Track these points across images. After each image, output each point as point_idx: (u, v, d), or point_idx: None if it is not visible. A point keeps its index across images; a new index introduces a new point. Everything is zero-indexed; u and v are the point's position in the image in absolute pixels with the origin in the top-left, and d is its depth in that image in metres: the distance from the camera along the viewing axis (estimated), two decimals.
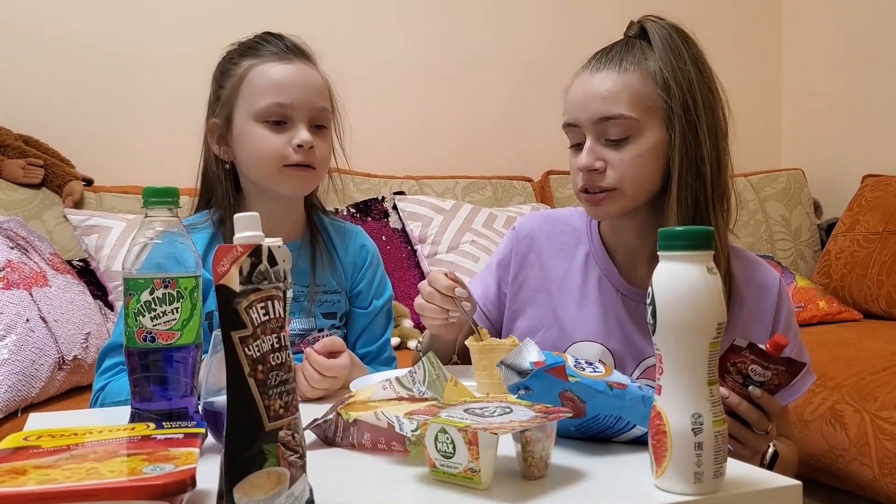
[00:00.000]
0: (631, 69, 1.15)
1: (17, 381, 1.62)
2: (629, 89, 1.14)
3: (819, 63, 3.40)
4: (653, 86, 1.14)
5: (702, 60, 1.19)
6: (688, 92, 1.14)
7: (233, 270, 0.61)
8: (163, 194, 0.89)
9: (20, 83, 2.49)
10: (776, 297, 1.22)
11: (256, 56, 1.30)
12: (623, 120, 1.14)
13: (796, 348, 1.22)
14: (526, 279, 1.32)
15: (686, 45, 1.18)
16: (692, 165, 1.14)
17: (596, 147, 1.17)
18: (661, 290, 0.71)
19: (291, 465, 0.62)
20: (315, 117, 1.30)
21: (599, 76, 1.17)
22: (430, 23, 3.03)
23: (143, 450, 0.69)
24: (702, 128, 1.14)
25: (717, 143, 1.16)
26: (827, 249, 2.93)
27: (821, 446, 1.78)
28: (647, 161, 1.15)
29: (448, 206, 2.65)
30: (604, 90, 1.15)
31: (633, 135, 1.15)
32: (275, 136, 1.27)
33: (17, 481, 0.60)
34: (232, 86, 1.30)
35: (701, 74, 1.17)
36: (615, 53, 1.18)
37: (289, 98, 1.27)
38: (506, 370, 0.87)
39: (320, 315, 1.36)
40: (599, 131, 1.16)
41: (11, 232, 1.91)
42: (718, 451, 0.70)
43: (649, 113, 1.15)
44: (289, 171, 1.28)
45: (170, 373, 0.86)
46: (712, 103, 1.17)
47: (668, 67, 1.14)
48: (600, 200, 1.17)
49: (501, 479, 0.74)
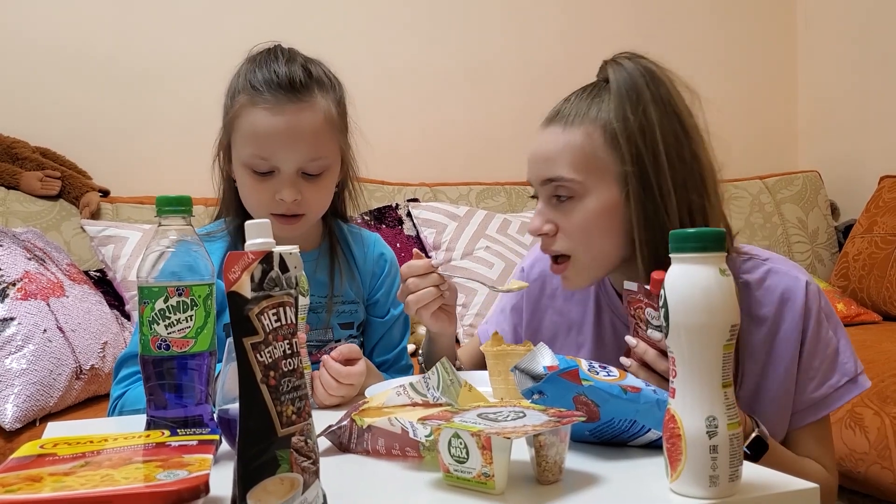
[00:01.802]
0: (576, 125, 1.07)
1: (36, 391, 1.64)
2: (570, 149, 1.06)
3: (834, 64, 3.37)
4: (601, 141, 1.05)
5: (670, 100, 1.07)
6: (643, 144, 1.04)
7: (244, 277, 0.61)
8: (176, 203, 0.89)
9: (38, 97, 2.52)
10: (801, 308, 1.07)
11: (251, 95, 1.22)
12: (565, 182, 1.06)
13: (827, 360, 1.08)
14: (541, 323, 1.29)
15: (652, 84, 1.06)
16: (656, 223, 1.04)
17: (545, 209, 1.11)
18: (673, 292, 0.70)
19: (304, 470, 0.62)
20: (305, 167, 1.23)
21: (546, 133, 1.10)
22: (443, 30, 3.04)
23: (158, 457, 0.69)
24: (665, 180, 1.03)
25: (688, 194, 1.05)
26: (844, 251, 2.91)
27: (840, 450, 1.76)
28: (599, 223, 1.07)
29: (462, 212, 2.65)
30: (546, 151, 1.09)
31: (577, 197, 1.07)
32: (259, 185, 1.23)
33: (33, 488, 0.60)
34: (230, 117, 1.25)
35: (666, 116, 1.05)
36: (570, 105, 1.10)
37: (271, 152, 1.21)
38: (520, 375, 0.86)
39: (338, 326, 1.36)
40: (548, 192, 1.10)
41: (29, 243, 1.93)
42: (734, 454, 0.69)
43: (596, 173, 1.06)
44: (274, 219, 1.21)
45: (184, 380, 0.87)
46: (680, 148, 1.05)
47: (620, 119, 1.04)
48: (562, 271, 1.12)
49: (515, 483, 0.74)
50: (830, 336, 1.10)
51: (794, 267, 1.12)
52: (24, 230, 2.03)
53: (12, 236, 1.89)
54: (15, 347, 1.65)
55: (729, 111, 3.39)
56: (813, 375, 1.08)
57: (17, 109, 2.48)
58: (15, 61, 2.50)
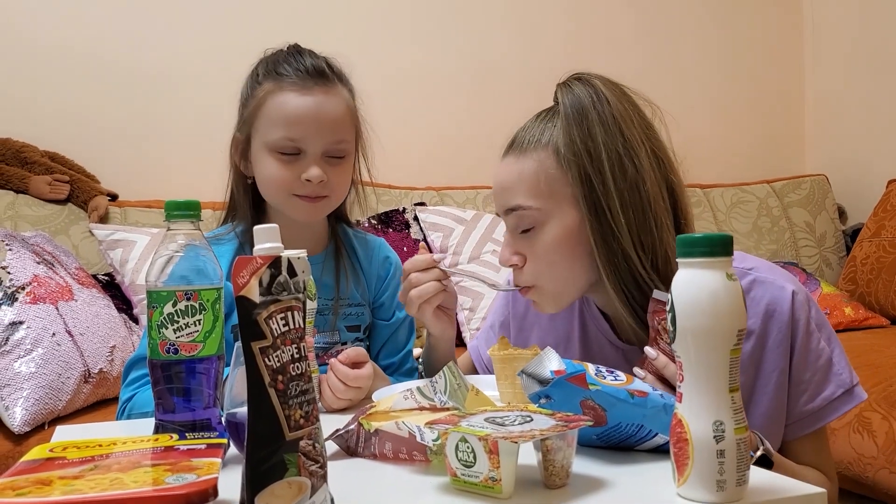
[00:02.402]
0: (529, 152, 1.08)
1: (44, 395, 1.64)
2: (525, 177, 1.07)
3: (842, 67, 3.37)
4: (555, 165, 1.06)
5: (614, 120, 1.05)
6: (590, 166, 1.03)
7: (252, 282, 0.61)
8: (185, 207, 0.90)
9: (46, 101, 2.54)
10: (788, 320, 1.05)
11: (277, 80, 1.27)
12: (523, 211, 1.07)
13: (819, 372, 1.06)
14: (528, 339, 1.29)
15: (598, 104, 1.05)
16: (613, 244, 1.03)
17: (512, 239, 1.11)
18: (680, 297, 0.71)
19: (312, 474, 0.62)
20: (330, 150, 1.28)
21: (503, 164, 1.12)
22: (449, 34, 3.04)
23: (166, 460, 0.69)
24: (612, 201, 1.03)
25: (635, 214, 1.03)
26: (852, 255, 2.90)
27: (848, 454, 1.76)
28: (561, 250, 1.07)
29: (469, 216, 2.65)
30: (502, 181, 1.10)
31: (537, 224, 1.07)
32: (284, 167, 1.26)
33: (43, 492, 0.61)
34: (252, 107, 1.29)
35: (610, 137, 1.04)
36: (525, 132, 1.11)
37: (301, 133, 1.25)
38: (527, 379, 0.86)
39: (344, 328, 1.36)
40: (512, 223, 1.10)
41: (38, 247, 1.94)
42: (741, 459, 0.69)
43: (553, 198, 1.06)
44: (297, 201, 1.28)
45: (193, 384, 0.87)
46: (623, 168, 1.03)
47: (565, 142, 1.05)
48: (532, 299, 1.12)
49: (523, 487, 0.74)
50: (822, 347, 1.07)
51: (780, 276, 1.09)
52: (33, 234, 2.04)
53: (21, 240, 1.90)
54: (24, 351, 1.66)
55: (736, 115, 3.39)
56: (805, 388, 1.07)
57: (26, 114, 2.50)
58: (24, 66, 2.52)
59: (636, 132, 1.06)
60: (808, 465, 1.08)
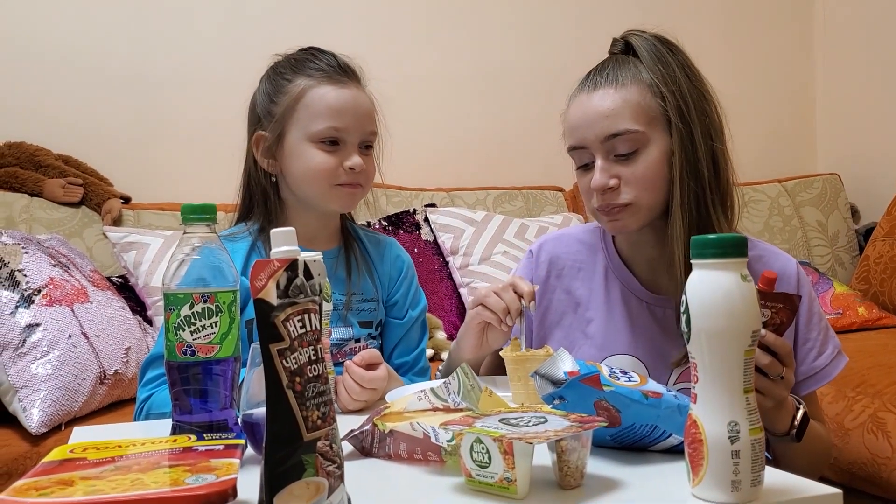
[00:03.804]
0: (628, 83, 1.16)
1: (61, 396, 1.66)
2: (630, 103, 1.15)
3: (853, 65, 3.35)
4: (650, 96, 1.15)
5: (688, 65, 1.20)
6: (679, 97, 1.15)
7: (270, 284, 0.62)
8: (201, 211, 0.91)
9: (60, 106, 2.55)
10: (795, 283, 1.21)
11: (309, 75, 1.33)
12: (630, 134, 1.15)
13: (822, 332, 1.20)
14: (550, 303, 1.33)
15: (671, 52, 1.19)
16: (692, 169, 1.14)
17: (607, 165, 1.17)
18: (695, 298, 0.71)
19: (330, 474, 0.63)
20: (365, 140, 1.35)
21: (598, 95, 1.17)
22: (458, 36, 3.04)
23: (185, 461, 0.70)
24: (696, 130, 1.14)
25: (713, 144, 1.16)
26: (865, 255, 2.89)
27: (863, 455, 1.75)
28: (658, 170, 1.16)
29: (479, 217, 2.65)
30: (605, 108, 1.16)
31: (641, 147, 1.15)
32: (328, 157, 1.31)
33: (65, 492, 0.61)
34: (286, 104, 1.32)
35: (689, 79, 1.17)
36: (609, 70, 1.19)
37: (344, 123, 1.31)
38: (540, 380, 0.87)
39: (357, 324, 1.38)
40: (608, 149, 1.17)
41: (53, 250, 1.96)
42: (756, 460, 0.69)
43: (653, 123, 1.15)
44: (338, 190, 1.33)
45: (210, 385, 0.88)
46: (704, 106, 1.17)
47: (658, 76, 1.16)
48: (618, 215, 1.18)
49: (537, 488, 0.75)
50: (822, 311, 1.23)
51: (782, 252, 1.26)
52: (47, 237, 2.05)
53: (37, 243, 1.92)
54: (40, 353, 1.68)
55: (746, 113, 3.37)
56: (812, 346, 1.19)
57: (40, 118, 2.51)
58: (38, 71, 2.54)
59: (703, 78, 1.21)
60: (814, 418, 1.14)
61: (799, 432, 1.04)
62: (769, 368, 0.95)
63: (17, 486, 0.63)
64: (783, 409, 1.01)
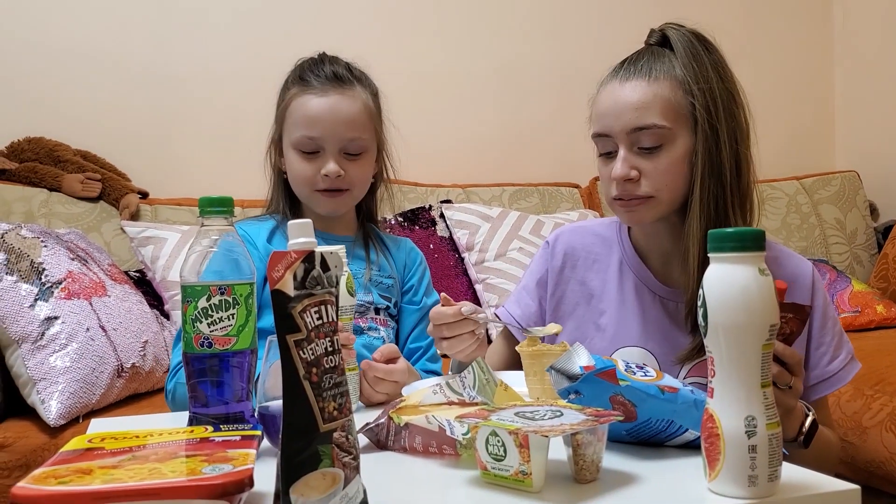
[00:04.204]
0: (661, 78, 1.16)
1: (79, 388, 1.67)
2: (660, 98, 1.15)
3: (871, 62, 3.32)
4: (681, 93, 1.15)
5: (722, 65, 1.20)
6: (709, 97, 1.15)
7: (287, 276, 0.62)
8: (218, 204, 0.91)
9: (79, 102, 2.57)
10: (810, 289, 1.20)
11: (302, 85, 1.40)
12: (656, 129, 1.15)
13: (836, 337, 1.20)
14: (564, 294, 1.34)
15: (706, 50, 1.19)
16: (714, 170, 1.14)
17: (629, 156, 1.17)
18: (712, 292, 0.70)
19: (346, 465, 0.63)
20: (346, 147, 1.38)
21: (630, 86, 1.17)
22: (474, 32, 3.04)
23: (202, 451, 0.71)
24: (722, 132, 1.14)
25: (738, 147, 1.16)
26: (884, 253, 2.86)
27: (881, 453, 1.74)
28: (680, 167, 1.16)
29: (495, 213, 2.65)
30: (636, 100, 1.16)
31: (665, 143, 1.16)
32: (306, 164, 1.38)
33: (84, 480, 0.62)
34: (281, 109, 1.43)
35: (721, 79, 1.17)
36: (644, 62, 1.19)
37: (317, 132, 1.37)
38: (556, 375, 0.87)
39: (377, 293, 1.44)
40: (632, 141, 1.17)
41: (72, 244, 1.97)
42: (773, 454, 0.69)
43: (680, 121, 1.16)
44: (318, 195, 1.40)
45: (226, 377, 0.88)
46: (732, 108, 1.17)
47: (691, 73, 1.16)
48: (636, 206, 1.18)
49: (553, 482, 0.75)
50: (835, 316, 1.22)
51: (798, 255, 1.26)
52: (66, 231, 2.07)
53: (56, 237, 1.93)
54: (59, 346, 1.69)
55: (764, 110, 3.32)
56: (825, 351, 1.19)
57: (59, 114, 2.53)
58: (57, 67, 2.56)
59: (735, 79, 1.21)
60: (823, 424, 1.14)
61: (807, 439, 1.04)
62: (778, 378, 0.96)
63: (36, 475, 0.63)
64: (791, 416, 1.02)
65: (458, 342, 1.20)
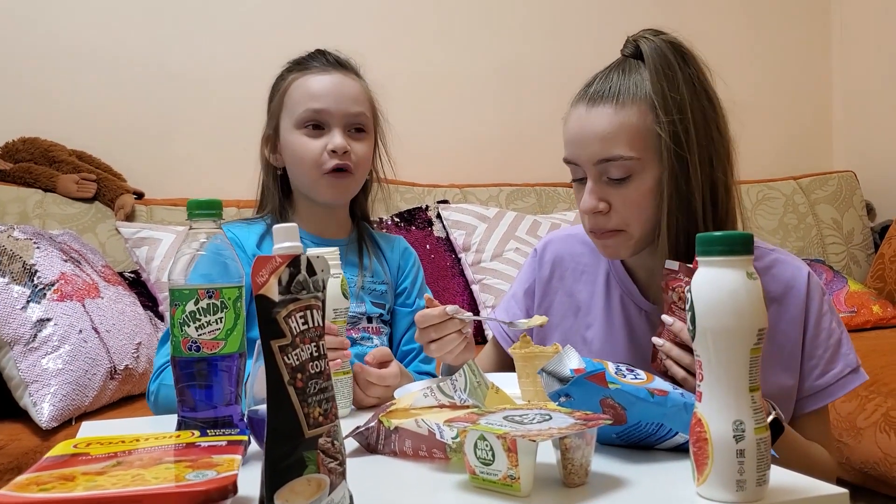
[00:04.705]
0: (629, 102, 1.09)
1: (71, 391, 1.67)
2: (627, 128, 1.08)
3: (870, 63, 3.32)
4: (651, 118, 1.08)
5: (698, 79, 1.11)
6: (678, 121, 1.07)
7: (272, 280, 0.62)
8: (206, 206, 0.91)
9: (74, 101, 2.57)
10: (804, 296, 1.14)
11: (302, 69, 1.39)
12: (623, 161, 1.08)
13: (830, 349, 1.13)
14: (551, 304, 1.31)
15: (683, 63, 1.10)
16: (682, 202, 1.08)
17: (597, 188, 1.12)
18: (700, 295, 0.70)
19: (331, 471, 0.63)
20: (351, 122, 1.37)
21: (596, 113, 1.10)
22: (473, 32, 3.04)
23: (188, 457, 0.70)
24: (693, 161, 1.07)
25: (713, 173, 1.09)
26: (881, 252, 2.86)
27: (875, 454, 1.74)
28: (651, 197, 1.10)
29: (492, 213, 2.65)
30: (601, 130, 1.09)
31: (633, 174, 1.09)
32: (312, 141, 1.35)
33: (66, 487, 0.62)
34: (278, 98, 1.40)
35: (696, 97, 1.09)
36: (613, 82, 1.11)
37: (323, 104, 1.35)
38: (547, 377, 0.86)
39: (370, 301, 1.42)
40: (600, 171, 1.11)
41: (66, 245, 1.97)
42: (761, 459, 0.69)
43: (649, 149, 1.08)
44: (326, 179, 1.35)
45: (215, 381, 0.88)
46: (708, 131, 1.09)
47: (659, 95, 1.07)
48: (609, 240, 1.14)
49: (542, 486, 0.74)
50: (834, 327, 1.15)
51: (798, 260, 1.18)
52: (60, 232, 2.07)
53: (49, 238, 1.93)
54: (51, 348, 1.69)
55: (761, 110, 3.35)
56: (816, 364, 1.14)
57: (55, 114, 2.53)
58: (52, 66, 2.55)
59: (714, 96, 1.13)
60: (814, 439, 1.12)
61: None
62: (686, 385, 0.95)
63: (19, 482, 0.63)
64: None
65: (446, 343, 1.17)
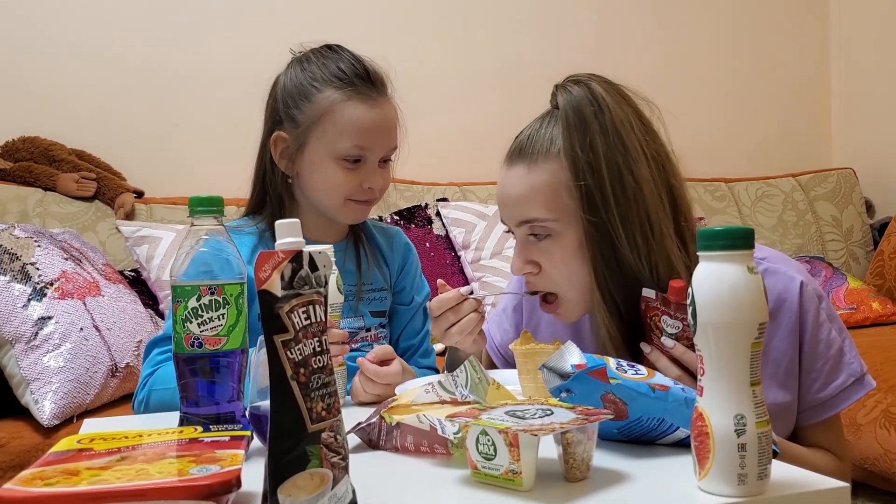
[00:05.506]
0: (541, 162, 1.06)
1: (73, 388, 1.67)
2: (540, 190, 1.06)
3: (867, 60, 3.32)
4: (566, 176, 1.04)
5: (615, 129, 1.04)
6: (591, 178, 1.03)
7: (274, 276, 0.62)
8: (208, 203, 0.91)
9: (74, 100, 2.57)
10: (797, 309, 1.07)
11: (338, 87, 1.28)
12: (540, 223, 1.07)
13: (830, 361, 1.08)
14: (539, 322, 1.30)
15: (599, 112, 1.04)
16: (607, 261, 1.04)
17: (524, 249, 1.11)
18: (701, 290, 0.70)
19: (334, 466, 0.63)
20: (386, 155, 1.33)
21: (512, 174, 1.09)
22: (473, 31, 3.04)
23: (191, 452, 0.70)
24: (612, 217, 1.03)
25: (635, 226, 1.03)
26: (880, 249, 2.87)
27: (875, 450, 1.74)
28: (579, 257, 1.06)
29: (491, 211, 2.65)
30: (516, 193, 1.08)
31: (554, 234, 1.07)
32: (349, 174, 1.29)
33: (70, 482, 0.62)
34: (313, 115, 1.28)
35: (610, 148, 1.03)
36: (531, 140, 1.09)
37: (369, 142, 1.29)
38: (548, 373, 0.87)
39: (368, 314, 1.40)
40: (524, 232, 1.10)
41: (66, 243, 1.97)
42: (762, 453, 0.69)
43: (568, 208, 1.06)
44: (351, 204, 1.32)
45: (217, 378, 0.88)
46: (627, 182, 1.03)
47: (569, 154, 1.04)
48: (553, 310, 1.12)
49: (543, 480, 0.74)
50: (833, 336, 1.09)
51: (791, 266, 1.10)
52: (61, 231, 2.07)
53: (50, 237, 1.93)
54: (52, 346, 1.69)
55: (761, 108, 3.35)
56: (816, 377, 1.09)
57: (54, 113, 2.53)
58: (52, 66, 2.55)
59: (636, 139, 1.05)
60: (821, 447, 1.10)
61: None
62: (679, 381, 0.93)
63: (24, 476, 0.63)
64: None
65: (466, 324, 1.15)
